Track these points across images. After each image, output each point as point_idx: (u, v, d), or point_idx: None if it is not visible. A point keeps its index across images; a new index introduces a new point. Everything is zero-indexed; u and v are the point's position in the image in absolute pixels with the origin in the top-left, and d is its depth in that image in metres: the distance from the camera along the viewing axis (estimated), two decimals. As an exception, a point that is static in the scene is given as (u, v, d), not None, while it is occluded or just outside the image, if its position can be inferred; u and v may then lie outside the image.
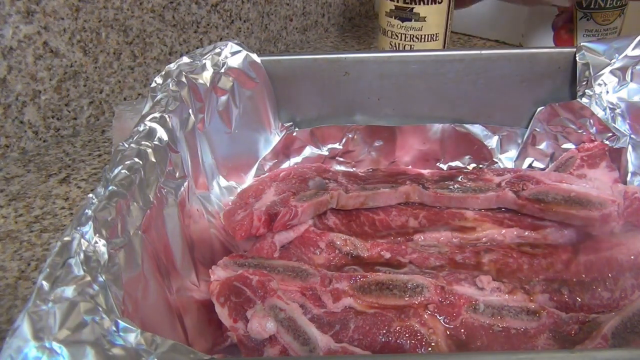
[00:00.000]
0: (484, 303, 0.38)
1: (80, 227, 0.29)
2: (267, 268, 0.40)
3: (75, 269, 0.27)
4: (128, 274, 0.29)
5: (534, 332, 0.36)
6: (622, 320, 0.35)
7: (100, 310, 0.26)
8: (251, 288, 0.37)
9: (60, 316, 0.25)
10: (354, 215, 0.48)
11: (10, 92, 0.60)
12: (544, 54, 0.52)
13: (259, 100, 0.52)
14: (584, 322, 0.37)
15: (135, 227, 0.32)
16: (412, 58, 0.53)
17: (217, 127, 0.48)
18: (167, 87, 0.43)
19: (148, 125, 0.39)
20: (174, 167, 0.39)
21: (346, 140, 0.55)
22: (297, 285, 0.39)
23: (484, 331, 0.36)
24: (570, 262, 0.42)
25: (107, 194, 0.32)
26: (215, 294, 0.37)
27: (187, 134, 0.43)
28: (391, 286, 0.39)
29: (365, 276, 0.39)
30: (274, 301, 0.36)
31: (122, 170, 0.34)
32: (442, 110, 0.54)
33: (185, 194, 0.39)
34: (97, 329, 0.25)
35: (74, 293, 0.26)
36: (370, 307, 0.38)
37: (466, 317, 0.37)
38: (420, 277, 0.39)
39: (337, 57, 0.52)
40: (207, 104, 0.46)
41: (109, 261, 0.28)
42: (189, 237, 0.39)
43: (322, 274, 0.40)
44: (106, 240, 0.29)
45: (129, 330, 0.25)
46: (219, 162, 0.48)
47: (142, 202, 0.33)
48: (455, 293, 0.38)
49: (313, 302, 0.38)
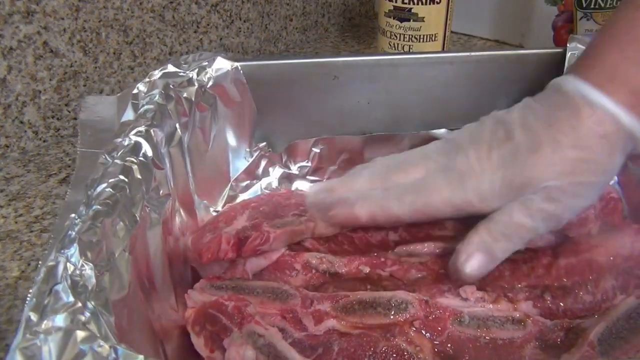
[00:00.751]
0: (469, 315, 0.38)
1: (64, 249, 0.28)
2: (245, 290, 0.39)
3: (63, 296, 0.26)
4: (115, 298, 0.28)
5: (521, 341, 0.36)
6: (607, 326, 0.36)
7: (97, 338, 0.25)
8: (227, 315, 0.35)
9: (55, 349, 0.24)
10: (331, 235, 0.47)
11: (10, 92, 0.60)
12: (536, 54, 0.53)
13: (239, 119, 0.51)
14: (568, 329, 0.37)
15: (121, 248, 0.31)
16: (402, 61, 0.53)
17: (196, 144, 0.47)
18: (152, 98, 0.42)
19: (133, 140, 0.37)
20: (159, 185, 0.38)
21: (313, 156, 0.54)
22: (276, 307, 0.38)
23: (470, 344, 0.36)
24: (551, 266, 0.42)
25: (91, 213, 0.31)
26: (190, 322, 0.36)
27: (172, 150, 0.42)
28: (374, 304, 0.38)
29: (348, 296, 0.38)
30: (251, 327, 0.35)
31: (106, 189, 0.33)
32: (434, 113, 0.54)
33: (168, 212, 0.38)
34: (98, 358, 0.24)
35: (67, 321, 0.25)
36: (354, 328, 0.37)
37: (452, 330, 0.37)
38: (403, 293, 0.39)
39: (326, 61, 0.52)
40: (190, 119, 0.46)
41: (96, 286, 0.27)
42: (169, 257, 0.39)
43: (303, 294, 0.39)
44: (92, 263, 0.28)
45: (130, 356, 0.24)
46: (195, 181, 0.47)
47: (128, 222, 0.32)
48: (439, 306, 0.38)
49: (294, 326, 0.37)
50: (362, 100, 0.53)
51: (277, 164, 0.55)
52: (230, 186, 0.53)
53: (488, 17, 0.88)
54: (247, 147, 0.53)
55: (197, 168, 0.47)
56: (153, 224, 0.36)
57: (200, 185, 0.48)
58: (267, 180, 0.55)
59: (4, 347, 0.41)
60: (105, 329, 0.25)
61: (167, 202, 0.38)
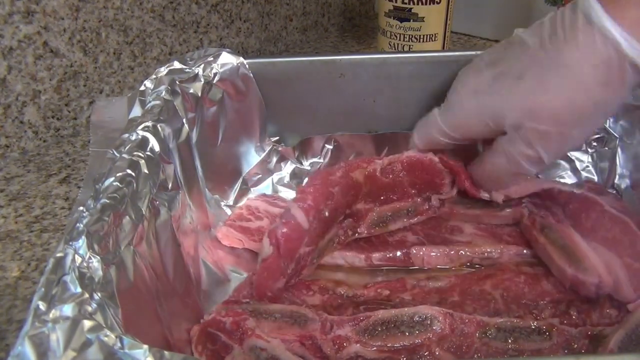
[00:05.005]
0: (495, 327, 0.37)
1: (72, 241, 0.29)
2: (263, 314, 0.37)
3: (71, 286, 0.27)
4: (121, 290, 0.29)
5: (548, 352, 0.36)
6: (627, 333, 0.35)
7: (104, 328, 0.25)
8: (225, 332, 0.35)
9: (63, 337, 0.24)
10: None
11: (10, 92, 0.60)
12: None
13: (247, 113, 0.51)
14: (592, 336, 0.37)
15: (127, 241, 0.31)
16: (408, 59, 0.53)
17: (205, 139, 0.47)
18: (159, 94, 0.42)
19: (140, 135, 0.38)
20: (167, 179, 0.38)
21: (326, 152, 0.55)
22: (295, 333, 0.36)
23: (499, 357, 0.36)
24: None
25: (99, 206, 0.31)
26: (194, 341, 0.36)
27: (180, 145, 0.42)
28: (398, 323, 0.36)
29: (369, 316, 0.37)
30: (252, 341, 0.34)
31: (113, 182, 0.33)
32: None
33: (178, 206, 0.39)
34: (104, 347, 0.24)
35: (74, 311, 0.25)
36: (379, 352, 0.35)
37: (479, 345, 0.36)
38: (426, 308, 0.37)
39: (332, 58, 0.52)
40: (197, 114, 0.46)
41: (103, 277, 0.28)
42: (181, 251, 0.39)
43: (322, 318, 0.37)
44: (99, 255, 0.28)
45: (136, 346, 0.24)
46: (205, 176, 0.48)
47: (135, 216, 0.33)
48: (464, 319, 0.37)
49: (314, 354, 0.36)
50: (368, 98, 0.54)
51: (290, 159, 0.55)
52: (241, 180, 0.53)
53: (488, 17, 0.88)
54: (257, 142, 0.53)
55: (207, 163, 0.47)
56: (162, 218, 0.36)
57: (211, 180, 0.48)
58: (279, 175, 0.55)
59: (4, 347, 0.41)
60: (111, 319, 0.26)
61: (176, 196, 0.38)
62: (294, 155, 0.55)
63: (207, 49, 0.49)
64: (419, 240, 0.46)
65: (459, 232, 0.47)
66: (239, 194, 0.52)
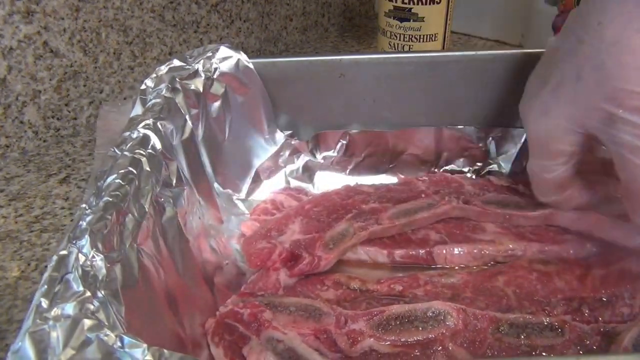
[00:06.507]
0: (507, 323, 0.37)
1: (76, 240, 0.29)
2: (278, 307, 0.38)
3: (74, 285, 0.27)
4: (126, 288, 0.29)
5: (560, 348, 0.36)
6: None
7: (104, 327, 0.25)
8: (243, 323, 0.35)
9: (63, 335, 0.24)
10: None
11: (10, 92, 0.60)
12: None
13: (252, 106, 0.51)
14: (604, 333, 0.37)
15: (132, 239, 0.31)
16: (408, 59, 0.53)
17: (211, 134, 0.47)
18: (159, 92, 0.42)
19: (142, 132, 0.38)
20: (170, 175, 0.38)
21: (340, 147, 0.54)
22: (310, 327, 0.37)
23: (512, 353, 0.36)
24: (585, 277, 0.42)
25: (101, 204, 0.31)
26: (210, 333, 0.36)
27: (184, 142, 0.42)
28: (411, 318, 0.37)
29: (383, 311, 0.37)
30: (269, 333, 0.34)
31: (115, 180, 0.33)
32: (439, 111, 0.54)
33: (185, 203, 0.39)
34: (103, 347, 0.24)
35: (75, 310, 0.26)
36: (393, 347, 0.36)
37: (492, 340, 0.36)
38: (439, 303, 0.38)
39: (332, 58, 0.52)
40: (201, 110, 0.46)
41: (106, 276, 0.28)
42: (193, 247, 0.39)
43: (337, 313, 0.37)
44: (103, 254, 0.28)
45: (135, 345, 0.24)
46: (215, 170, 0.48)
47: (138, 213, 0.33)
48: (477, 315, 0.37)
49: (328, 347, 0.36)
50: (368, 97, 0.54)
51: (303, 152, 0.55)
52: (253, 174, 0.53)
53: (488, 17, 0.88)
54: (266, 134, 0.53)
55: (216, 158, 0.47)
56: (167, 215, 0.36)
57: (221, 175, 0.48)
58: (291, 168, 0.55)
59: (4, 347, 0.41)
60: (113, 318, 0.26)
61: (182, 193, 0.38)
62: (307, 148, 0.54)
63: (206, 46, 0.49)
64: (441, 239, 0.46)
65: (481, 230, 0.47)
66: (251, 187, 0.52)
